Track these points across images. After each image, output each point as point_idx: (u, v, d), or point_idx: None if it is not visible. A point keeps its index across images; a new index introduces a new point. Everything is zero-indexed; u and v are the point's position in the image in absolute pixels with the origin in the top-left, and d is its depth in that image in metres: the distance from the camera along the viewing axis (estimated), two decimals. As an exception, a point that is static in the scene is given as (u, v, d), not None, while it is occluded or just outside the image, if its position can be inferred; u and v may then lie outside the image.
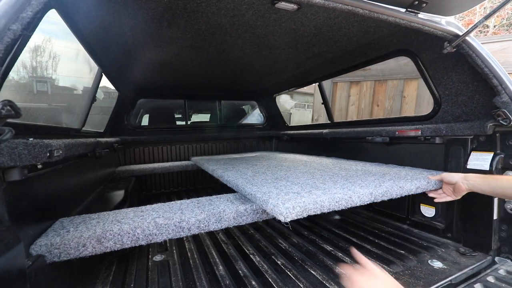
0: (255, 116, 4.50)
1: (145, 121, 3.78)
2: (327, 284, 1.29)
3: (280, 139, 3.94)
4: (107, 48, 1.84)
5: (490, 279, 1.23)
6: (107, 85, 2.61)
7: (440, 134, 1.67)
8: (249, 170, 1.86)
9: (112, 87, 2.71)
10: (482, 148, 1.53)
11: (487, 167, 1.46)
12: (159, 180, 3.42)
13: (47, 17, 1.09)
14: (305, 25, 1.64)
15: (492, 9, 1.29)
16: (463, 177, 1.34)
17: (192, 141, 3.62)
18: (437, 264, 1.41)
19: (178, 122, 3.85)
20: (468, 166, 1.55)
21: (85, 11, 1.33)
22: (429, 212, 1.80)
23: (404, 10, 1.32)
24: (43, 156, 0.89)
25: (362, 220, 2.17)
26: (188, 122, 3.83)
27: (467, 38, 1.41)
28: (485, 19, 1.29)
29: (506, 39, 4.56)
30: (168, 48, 1.94)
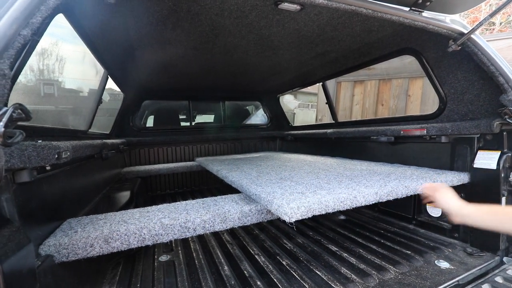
0: (259, 117, 4.50)
1: (150, 123, 3.82)
2: (332, 285, 1.29)
3: (284, 139, 3.94)
4: (113, 50, 1.86)
5: (499, 279, 1.21)
6: (113, 87, 2.64)
7: (446, 133, 1.66)
8: (254, 171, 1.86)
9: (118, 89, 2.74)
10: (488, 147, 1.51)
11: (494, 166, 1.44)
12: (164, 181, 3.45)
13: (55, 21, 1.11)
14: (308, 25, 1.64)
15: (497, 6, 1.27)
16: (457, 209, 1.03)
17: (197, 142, 3.64)
18: (444, 264, 1.39)
19: (183, 123, 3.88)
20: (475, 165, 1.53)
21: (92, 15, 1.35)
22: (436, 212, 1.78)
23: (408, 9, 1.31)
24: (51, 158, 0.91)
25: (368, 220, 2.15)
26: (193, 123, 3.86)
27: (472, 36, 1.40)
28: (491, 16, 1.27)
29: (513, 36, 4.50)
30: (173, 50, 1.96)
